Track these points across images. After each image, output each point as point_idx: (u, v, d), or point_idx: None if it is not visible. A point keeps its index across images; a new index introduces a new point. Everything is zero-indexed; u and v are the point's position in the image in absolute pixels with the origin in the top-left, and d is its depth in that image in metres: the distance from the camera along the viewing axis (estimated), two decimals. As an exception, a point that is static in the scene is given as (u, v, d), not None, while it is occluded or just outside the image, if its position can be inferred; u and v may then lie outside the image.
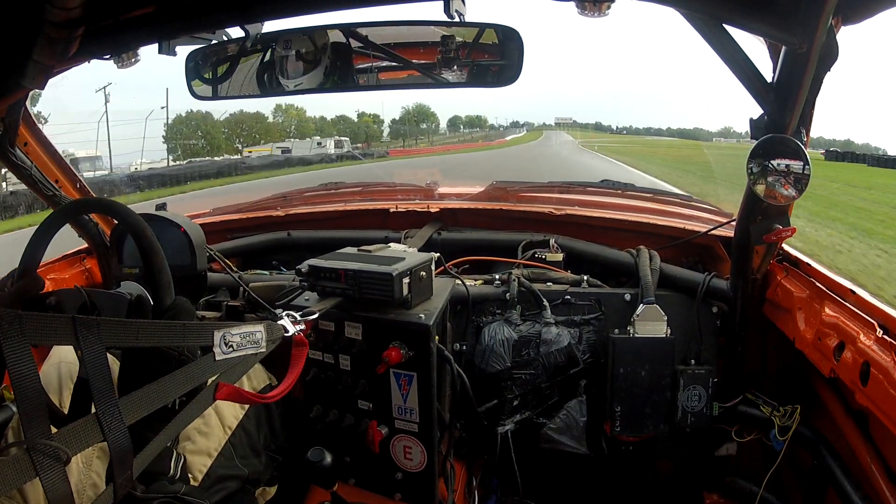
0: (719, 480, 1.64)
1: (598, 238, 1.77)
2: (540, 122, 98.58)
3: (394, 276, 1.22)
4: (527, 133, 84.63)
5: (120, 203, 1.09)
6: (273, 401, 1.01)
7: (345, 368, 1.31)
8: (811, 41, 0.94)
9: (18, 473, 0.63)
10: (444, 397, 1.38)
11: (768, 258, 1.46)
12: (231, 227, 2.04)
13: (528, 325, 1.55)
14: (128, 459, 0.75)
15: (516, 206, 1.95)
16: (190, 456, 1.23)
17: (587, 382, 1.56)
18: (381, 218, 1.98)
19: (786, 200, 1.20)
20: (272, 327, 0.99)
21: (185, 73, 1.39)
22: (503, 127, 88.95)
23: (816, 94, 1.11)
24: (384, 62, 1.33)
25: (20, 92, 1.19)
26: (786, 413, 1.42)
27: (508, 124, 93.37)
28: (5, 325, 0.63)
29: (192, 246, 1.53)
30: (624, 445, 1.59)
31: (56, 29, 0.87)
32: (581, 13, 1.00)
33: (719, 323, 1.56)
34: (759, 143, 1.16)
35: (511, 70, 1.24)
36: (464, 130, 76.81)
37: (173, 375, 0.82)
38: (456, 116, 78.09)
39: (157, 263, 1.01)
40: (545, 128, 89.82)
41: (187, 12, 1.04)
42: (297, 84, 1.31)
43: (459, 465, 1.56)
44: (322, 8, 1.02)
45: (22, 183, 1.53)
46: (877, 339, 1.06)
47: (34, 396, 0.65)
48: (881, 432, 1.17)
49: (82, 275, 1.79)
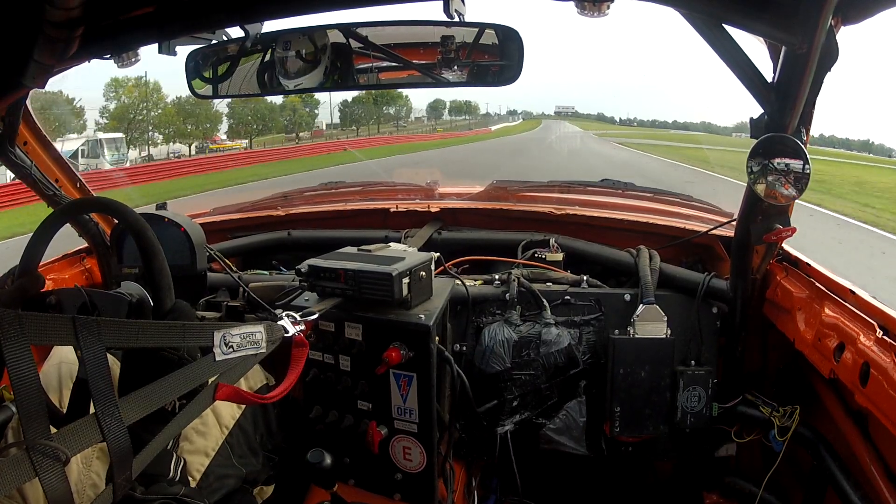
0: (719, 481, 1.64)
1: (598, 238, 1.77)
2: (539, 112, 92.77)
3: (393, 276, 1.22)
4: (522, 122, 77.83)
5: (120, 202, 1.08)
6: (273, 401, 1.01)
7: (345, 369, 1.31)
8: (811, 41, 0.94)
9: (18, 473, 0.63)
10: (443, 398, 1.38)
11: (768, 258, 1.46)
12: (231, 226, 2.04)
13: (528, 325, 1.55)
14: (127, 460, 0.74)
15: (516, 205, 1.95)
16: (188, 456, 1.23)
17: (587, 383, 1.56)
18: (381, 217, 1.98)
19: (786, 200, 1.20)
20: (272, 328, 0.99)
21: (186, 73, 1.39)
22: (497, 115, 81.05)
23: (816, 93, 1.11)
24: (384, 62, 1.33)
25: (20, 91, 1.19)
26: (785, 413, 1.42)
27: (505, 112, 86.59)
28: (5, 325, 0.63)
29: (192, 246, 1.53)
30: (623, 446, 1.58)
31: (56, 29, 0.87)
32: (581, 13, 1.00)
33: (719, 323, 1.55)
34: (760, 143, 1.17)
35: (511, 70, 1.23)
36: (448, 118, 64.44)
37: (173, 376, 0.82)
38: (438, 100, 63.34)
39: (157, 266, 1.00)
40: (544, 117, 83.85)
41: (187, 12, 1.04)
42: (297, 83, 1.32)
43: (459, 466, 1.56)
44: (322, 8, 1.02)
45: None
46: (877, 340, 1.06)
47: (34, 396, 0.65)
48: (881, 433, 1.17)
49: (82, 274, 1.79)
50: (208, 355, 0.87)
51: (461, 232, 1.89)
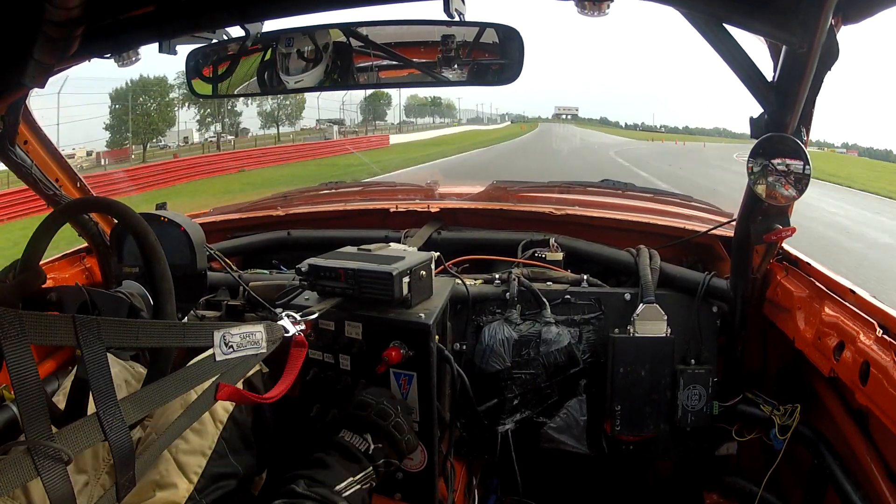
0: (719, 480, 1.64)
1: (598, 238, 1.77)
2: (535, 116, 78.93)
3: (394, 276, 1.22)
4: (510, 125, 61.68)
5: (121, 203, 1.08)
6: (273, 401, 1.01)
7: (345, 368, 1.31)
8: (811, 41, 0.94)
9: (19, 474, 0.62)
10: (444, 397, 1.38)
11: (768, 258, 1.46)
12: (231, 226, 2.04)
13: (528, 324, 1.55)
14: (130, 460, 0.74)
15: (516, 205, 1.95)
16: (184, 457, 1.22)
17: (587, 382, 1.56)
18: (381, 217, 1.99)
19: (786, 200, 1.20)
20: (272, 327, 0.99)
21: (186, 72, 1.39)
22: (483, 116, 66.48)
23: (817, 93, 1.11)
24: (384, 61, 1.33)
25: (20, 91, 1.19)
26: (786, 412, 1.42)
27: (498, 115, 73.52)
28: (5, 325, 0.63)
29: (192, 245, 1.53)
30: (624, 445, 1.59)
31: (56, 28, 0.86)
32: (581, 12, 0.99)
33: (719, 322, 1.56)
34: (760, 143, 1.16)
35: (512, 69, 1.23)
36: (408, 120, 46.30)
37: (174, 376, 0.82)
38: (370, 95, 38.61)
39: (159, 271, 0.99)
40: (541, 121, 69.81)
41: (187, 12, 1.04)
42: (297, 82, 1.32)
43: (459, 465, 1.56)
44: (322, 7, 1.02)
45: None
46: (877, 339, 1.06)
47: (35, 396, 0.65)
48: (881, 432, 1.17)
49: (82, 273, 1.79)
50: (209, 355, 0.87)
51: (461, 232, 1.89)
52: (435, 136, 37.05)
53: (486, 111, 71.45)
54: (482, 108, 76.32)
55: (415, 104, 49.31)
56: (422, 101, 50.50)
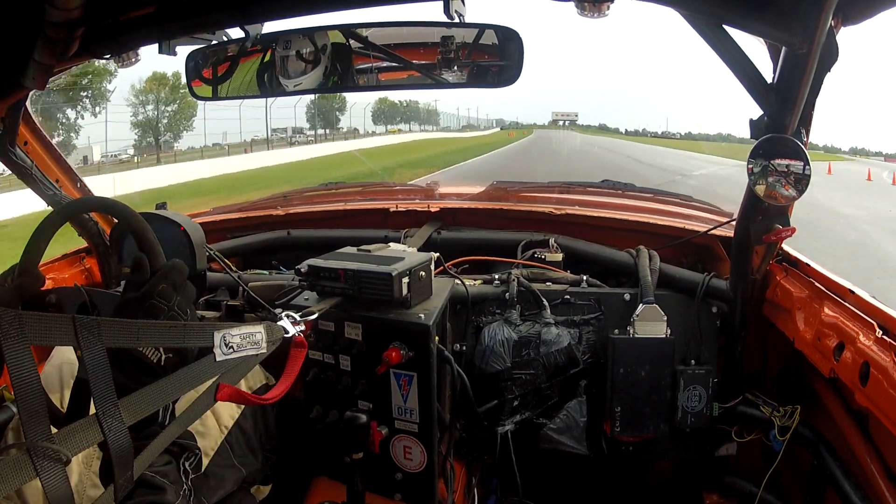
0: (719, 480, 1.64)
1: (598, 238, 1.77)
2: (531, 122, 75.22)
3: (393, 276, 1.22)
4: (498, 132, 56.76)
5: (120, 202, 1.08)
6: (272, 402, 1.01)
7: (345, 369, 1.31)
8: (811, 41, 0.94)
9: (18, 474, 0.63)
10: (444, 397, 1.38)
11: (768, 258, 1.46)
12: (231, 225, 2.04)
13: (528, 325, 1.55)
14: (128, 460, 0.74)
15: (516, 205, 1.95)
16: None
17: (587, 383, 1.56)
18: (381, 217, 1.98)
19: (786, 201, 1.20)
20: (272, 328, 0.99)
21: (185, 74, 1.39)
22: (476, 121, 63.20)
23: (816, 94, 1.11)
24: (384, 63, 1.33)
25: (20, 92, 1.19)
26: (786, 413, 1.42)
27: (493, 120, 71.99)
28: (5, 326, 0.63)
29: (191, 245, 1.52)
30: (624, 446, 1.58)
31: (56, 29, 0.87)
32: (580, 14, 0.99)
33: (719, 323, 1.56)
34: (760, 144, 1.17)
35: (511, 70, 1.23)
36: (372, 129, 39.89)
37: (174, 376, 0.82)
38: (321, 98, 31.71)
39: (158, 269, 1.00)
40: (536, 127, 65.27)
41: (187, 13, 1.04)
42: (296, 84, 1.31)
43: (459, 466, 1.56)
44: (322, 8, 1.02)
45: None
46: (876, 340, 1.06)
47: (34, 397, 0.65)
48: (881, 432, 1.17)
49: (82, 274, 1.80)
50: (208, 356, 0.87)
51: (461, 232, 1.89)
52: (362, 148, 29.08)
53: (475, 116, 66.25)
54: (471, 112, 70.74)
55: (385, 107, 42.50)
56: (393, 104, 43.74)
